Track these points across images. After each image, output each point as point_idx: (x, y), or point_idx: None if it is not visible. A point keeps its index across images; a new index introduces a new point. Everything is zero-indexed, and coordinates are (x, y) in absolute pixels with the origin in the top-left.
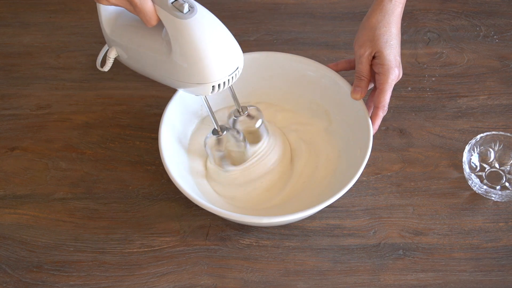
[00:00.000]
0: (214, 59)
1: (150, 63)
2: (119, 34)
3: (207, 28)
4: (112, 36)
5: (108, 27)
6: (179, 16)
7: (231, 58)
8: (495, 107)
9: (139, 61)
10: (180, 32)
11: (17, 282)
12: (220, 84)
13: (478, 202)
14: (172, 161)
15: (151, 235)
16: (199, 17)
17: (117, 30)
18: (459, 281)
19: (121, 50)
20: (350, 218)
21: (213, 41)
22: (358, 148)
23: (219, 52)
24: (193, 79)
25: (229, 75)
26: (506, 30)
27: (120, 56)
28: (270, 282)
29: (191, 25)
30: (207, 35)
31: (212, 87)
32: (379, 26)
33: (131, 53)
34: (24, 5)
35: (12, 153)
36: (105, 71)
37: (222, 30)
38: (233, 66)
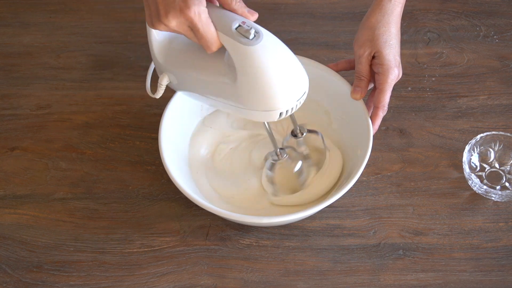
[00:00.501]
0: (283, 86)
1: (211, 90)
2: (172, 60)
3: (274, 54)
4: (164, 63)
5: (160, 53)
6: (245, 42)
7: (298, 83)
8: (495, 107)
9: (197, 87)
10: (247, 59)
11: (17, 282)
12: (288, 110)
13: (478, 202)
14: (172, 161)
15: (151, 235)
16: (265, 42)
17: (170, 56)
18: (459, 281)
19: (173, 76)
20: (350, 218)
21: (281, 68)
22: (358, 148)
23: (287, 78)
24: (261, 106)
25: (297, 101)
26: (506, 30)
27: (172, 83)
28: (270, 282)
29: (258, 52)
30: (275, 61)
31: (280, 113)
32: (379, 26)
33: (187, 79)
34: (24, 5)
35: (12, 153)
36: (156, 98)
37: (289, 55)
38: (300, 91)
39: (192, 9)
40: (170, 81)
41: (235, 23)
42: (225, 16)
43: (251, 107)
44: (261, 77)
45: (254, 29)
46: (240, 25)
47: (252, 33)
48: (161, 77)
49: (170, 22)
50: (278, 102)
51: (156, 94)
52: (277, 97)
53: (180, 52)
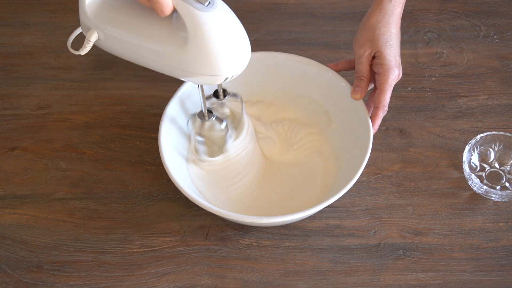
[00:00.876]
0: (232, 53)
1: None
2: (106, 18)
3: (227, 22)
4: (96, 19)
5: (91, 9)
6: (200, 8)
7: (244, 51)
8: (495, 107)
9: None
10: (201, 25)
11: (17, 282)
12: (233, 76)
13: (478, 202)
14: (172, 161)
15: (151, 235)
16: (219, 10)
17: (104, 13)
18: (459, 281)
19: (104, 35)
20: (350, 218)
21: (232, 36)
22: (358, 148)
23: (236, 46)
24: (208, 71)
25: (241, 68)
26: (506, 30)
27: (101, 40)
28: (270, 282)
29: (212, 18)
30: (227, 29)
31: (225, 78)
32: (379, 26)
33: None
34: (24, 5)
35: (12, 153)
36: (81, 54)
37: (239, 25)
38: (245, 59)
39: None
40: (99, 38)
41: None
42: None
43: (197, 71)
44: (213, 43)
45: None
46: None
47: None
48: (89, 33)
49: None
50: (225, 68)
51: (81, 50)
52: (226, 63)
53: (117, 9)
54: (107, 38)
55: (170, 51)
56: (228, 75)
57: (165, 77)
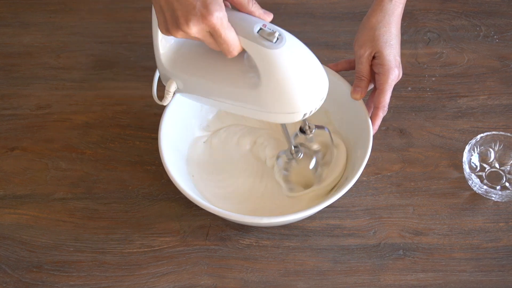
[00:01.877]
0: (307, 89)
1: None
2: (181, 66)
3: (298, 56)
4: (172, 69)
5: (167, 59)
6: (269, 46)
7: (321, 84)
8: (495, 107)
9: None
10: (272, 63)
11: (17, 282)
12: (312, 111)
13: (478, 202)
14: (172, 161)
15: (151, 235)
16: (289, 45)
17: (178, 62)
18: (459, 281)
19: (181, 83)
20: (350, 218)
21: (305, 70)
22: (358, 148)
23: (311, 80)
24: (285, 109)
25: (320, 101)
26: (506, 30)
27: (180, 89)
28: (270, 282)
29: (283, 55)
30: (300, 64)
31: (304, 114)
32: (379, 26)
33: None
34: (24, 5)
35: (12, 153)
36: (163, 105)
37: (311, 57)
38: (323, 92)
39: (215, 15)
40: (178, 87)
41: (256, 27)
42: (244, 20)
43: (274, 110)
44: (287, 80)
45: (278, 32)
46: (261, 28)
47: (276, 36)
48: (168, 84)
49: (191, 29)
50: (302, 104)
51: (164, 101)
52: (302, 99)
53: (190, 57)
54: (185, 86)
55: (244, 93)
56: (307, 111)
57: None
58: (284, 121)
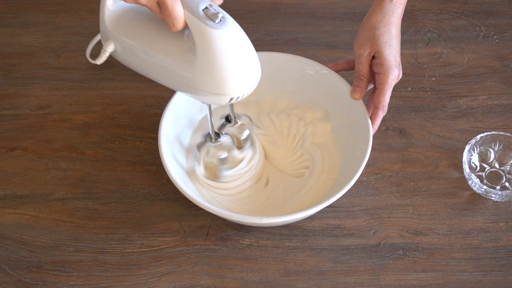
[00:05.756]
0: (240, 73)
1: (162, 66)
2: (123, 29)
3: (237, 40)
4: (113, 30)
5: (110, 20)
6: (210, 25)
7: (253, 73)
8: (495, 107)
9: (145, 61)
10: (210, 42)
11: (17, 282)
12: (239, 97)
13: (478, 202)
14: (172, 161)
15: (151, 235)
16: (230, 28)
17: (121, 25)
18: (459, 281)
19: (120, 46)
20: (350, 218)
21: (241, 55)
22: (358, 148)
23: (245, 66)
24: (213, 89)
25: (249, 89)
26: (506, 30)
27: (117, 51)
28: (270, 282)
29: (222, 36)
30: (237, 48)
31: (230, 99)
32: (379, 27)
33: (136, 51)
34: (24, 5)
35: (12, 153)
36: (97, 64)
37: (249, 45)
38: (254, 81)
39: None
40: (116, 49)
41: (202, 5)
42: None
43: (203, 89)
44: (221, 61)
45: (221, 14)
46: (207, 7)
47: (219, 17)
48: (106, 44)
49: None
50: (231, 88)
51: (98, 60)
52: (232, 83)
53: (134, 22)
54: (122, 49)
55: (178, 66)
56: (234, 95)
57: None
58: (211, 102)
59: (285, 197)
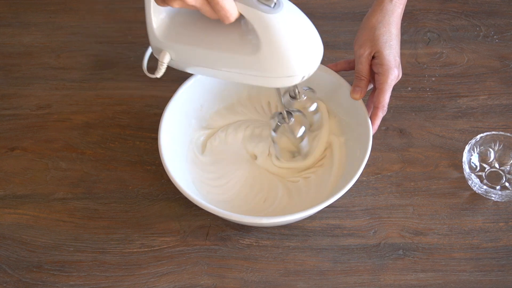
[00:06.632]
0: (305, 52)
1: (225, 63)
2: (175, 36)
3: (296, 20)
4: (165, 39)
5: (160, 30)
6: (267, 11)
7: (317, 48)
8: (495, 107)
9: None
10: (272, 27)
11: (17, 282)
12: (309, 73)
13: (478, 202)
14: (172, 161)
15: (151, 235)
16: (287, 10)
17: (172, 32)
18: (459, 281)
19: (176, 54)
20: (350, 218)
21: (303, 34)
22: (358, 148)
23: (308, 44)
24: (284, 72)
25: (316, 64)
26: (506, 30)
27: (174, 60)
28: (270, 282)
29: (281, 19)
30: (298, 28)
31: (302, 77)
32: (379, 27)
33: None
34: (24, 5)
35: (12, 153)
36: (157, 77)
37: (308, 22)
38: (319, 55)
39: None
40: (172, 58)
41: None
42: None
43: (273, 75)
44: (286, 44)
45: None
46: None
47: (273, 1)
48: (161, 55)
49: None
50: (300, 67)
51: (157, 73)
52: (300, 62)
53: (185, 26)
54: (179, 56)
55: (243, 59)
56: (305, 74)
57: (165, 77)
58: (283, 85)
59: (285, 197)
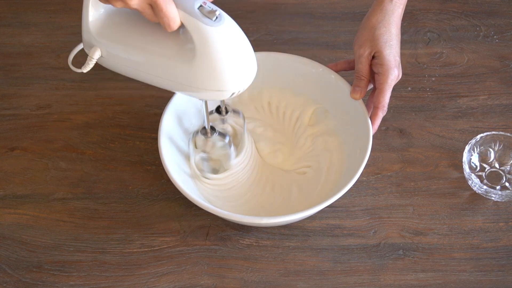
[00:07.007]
0: (239, 68)
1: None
2: (111, 34)
3: (234, 37)
4: (99, 36)
5: (95, 25)
6: (208, 23)
7: (251, 67)
8: (495, 107)
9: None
10: (210, 40)
11: (17, 282)
12: (240, 91)
13: (478, 202)
14: (172, 161)
15: (151, 235)
16: (227, 25)
17: (108, 30)
18: (459, 281)
19: (107, 52)
20: (350, 218)
21: (239, 51)
22: (358, 148)
23: (243, 61)
24: (214, 85)
25: (248, 82)
26: (506, 30)
27: (104, 57)
28: (270, 282)
29: (219, 33)
30: (235, 44)
31: (232, 93)
32: (379, 26)
33: (125, 56)
34: (24, 5)
35: (12, 153)
36: (83, 72)
37: (246, 41)
38: (251, 75)
39: None
40: (102, 55)
41: (196, 3)
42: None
43: (203, 87)
44: (221, 58)
45: (218, 11)
46: (201, 5)
47: (216, 14)
48: (92, 50)
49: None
50: (232, 83)
51: (84, 68)
52: (233, 78)
53: (121, 25)
54: (110, 55)
55: (176, 66)
56: (235, 90)
57: None
58: (212, 99)
59: (285, 197)
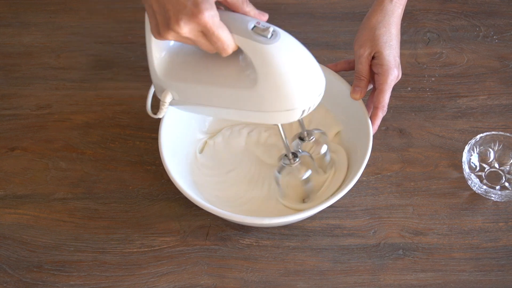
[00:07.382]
0: (305, 83)
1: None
2: (175, 75)
3: (294, 51)
4: (167, 78)
5: (161, 69)
6: (264, 41)
7: (318, 79)
8: (494, 107)
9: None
10: (269, 58)
11: (17, 282)
12: (310, 107)
13: (478, 202)
14: (172, 161)
15: (151, 235)
16: (284, 40)
17: (173, 71)
18: (459, 281)
19: (177, 93)
20: (350, 218)
21: (302, 65)
22: (358, 148)
23: (308, 75)
24: (283, 105)
25: (318, 96)
26: (506, 30)
27: (175, 99)
28: (270, 282)
29: (278, 50)
30: (296, 58)
31: (302, 111)
32: (379, 27)
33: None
34: (24, 5)
35: (12, 153)
36: (159, 117)
37: (307, 53)
38: (320, 87)
39: (205, 13)
40: (174, 98)
41: (250, 24)
42: (237, 18)
43: (272, 109)
44: (284, 75)
45: (272, 27)
46: (255, 25)
47: (270, 31)
48: (163, 95)
49: (182, 28)
50: (300, 100)
51: (159, 114)
52: (300, 94)
53: (185, 64)
54: (180, 96)
55: (240, 93)
56: (305, 107)
57: None
58: (282, 121)
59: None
